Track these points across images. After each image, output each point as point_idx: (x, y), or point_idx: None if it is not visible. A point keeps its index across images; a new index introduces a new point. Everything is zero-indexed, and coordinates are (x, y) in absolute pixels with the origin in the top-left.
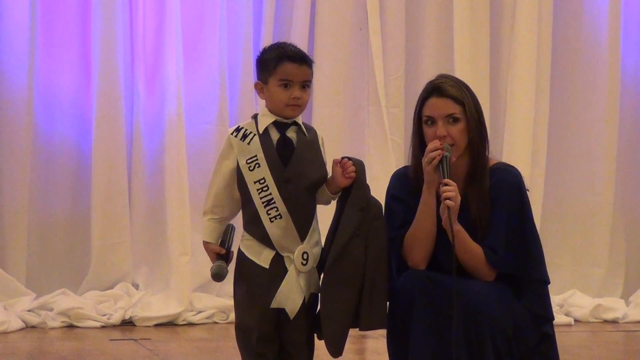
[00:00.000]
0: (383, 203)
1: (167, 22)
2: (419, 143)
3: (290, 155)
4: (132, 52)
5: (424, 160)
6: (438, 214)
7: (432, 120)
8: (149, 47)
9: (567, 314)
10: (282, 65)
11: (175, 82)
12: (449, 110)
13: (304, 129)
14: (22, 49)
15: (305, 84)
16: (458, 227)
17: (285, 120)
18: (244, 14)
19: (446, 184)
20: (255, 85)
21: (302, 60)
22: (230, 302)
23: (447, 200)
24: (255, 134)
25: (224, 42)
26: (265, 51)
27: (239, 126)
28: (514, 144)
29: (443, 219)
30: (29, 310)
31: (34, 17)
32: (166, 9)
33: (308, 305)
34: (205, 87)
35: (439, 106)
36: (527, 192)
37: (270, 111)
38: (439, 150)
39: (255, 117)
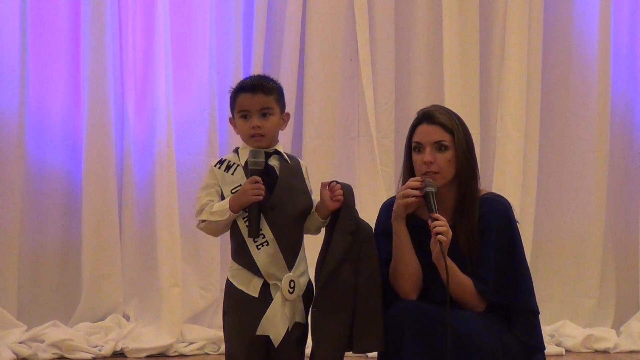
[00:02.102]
0: None
1: (157, 52)
2: (410, 172)
3: (274, 182)
4: (122, 81)
5: (399, 193)
6: (422, 245)
7: (421, 147)
8: (139, 76)
9: (558, 344)
10: (238, 97)
11: (165, 113)
12: (438, 137)
13: (286, 157)
14: (13, 78)
15: (265, 112)
16: (448, 261)
17: (266, 150)
18: (233, 45)
19: (436, 219)
20: (230, 121)
21: (255, 88)
22: (221, 333)
23: (439, 235)
24: (238, 165)
25: (213, 73)
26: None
27: (222, 158)
28: (504, 175)
29: (434, 254)
30: (20, 342)
31: (24, 47)
32: (155, 38)
33: (297, 335)
34: (195, 118)
35: (428, 132)
36: (517, 224)
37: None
38: (417, 191)
39: (236, 150)
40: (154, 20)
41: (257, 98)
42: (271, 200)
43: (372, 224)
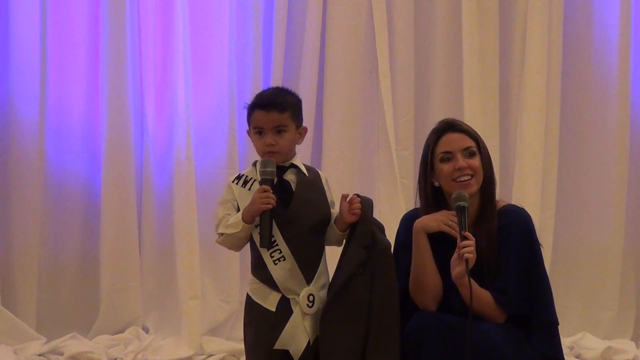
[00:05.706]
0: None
1: (176, 63)
2: (430, 187)
3: (290, 197)
4: (141, 92)
5: (441, 217)
6: (441, 256)
7: (450, 155)
8: (158, 87)
9: (577, 356)
10: (253, 114)
11: (184, 125)
12: (466, 143)
13: (304, 170)
14: (33, 88)
15: (280, 129)
16: (466, 278)
17: (282, 164)
18: (252, 57)
19: (466, 238)
20: (247, 133)
21: (269, 106)
22: (240, 345)
23: (467, 255)
24: (255, 180)
25: (233, 86)
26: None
27: (240, 174)
28: (524, 187)
29: (453, 273)
30: (39, 355)
31: (44, 57)
32: (175, 49)
33: (316, 348)
34: (214, 130)
35: (455, 140)
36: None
37: None
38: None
39: (255, 164)
40: (173, 31)
41: (270, 116)
42: (287, 215)
43: (391, 236)
